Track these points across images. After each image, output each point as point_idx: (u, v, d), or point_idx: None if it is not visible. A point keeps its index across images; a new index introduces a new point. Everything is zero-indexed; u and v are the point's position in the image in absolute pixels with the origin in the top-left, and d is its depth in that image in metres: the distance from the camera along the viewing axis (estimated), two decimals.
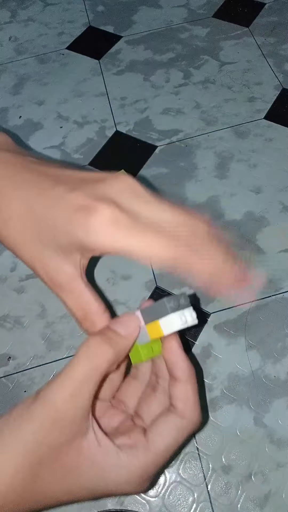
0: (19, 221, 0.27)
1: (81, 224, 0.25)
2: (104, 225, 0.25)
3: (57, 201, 0.26)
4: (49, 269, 0.28)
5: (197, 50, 0.60)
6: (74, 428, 0.24)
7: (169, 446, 0.26)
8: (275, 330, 0.38)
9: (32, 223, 0.27)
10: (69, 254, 0.27)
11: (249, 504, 0.32)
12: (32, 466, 0.24)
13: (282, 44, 0.59)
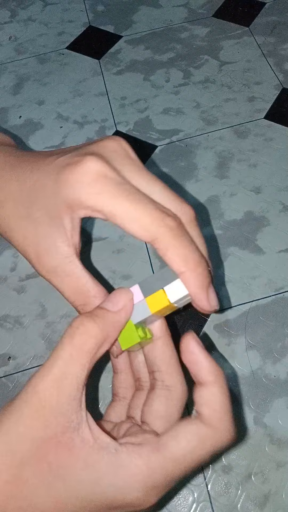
0: (11, 202, 0.26)
1: (66, 179, 0.23)
2: (89, 177, 0.23)
3: (46, 168, 0.25)
4: (41, 252, 0.25)
5: (197, 49, 0.60)
6: (62, 420, 0.20)
7: (186, 455, 0.21)
8: (275, 330, 0.38)
9: (23, 199, 0.25)
10: (60, 225, 0.24)
11: (249, 504, 0.32)
12: (14, 467, 0.20)
13: (282, 44, 0.59)
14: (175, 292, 0.23)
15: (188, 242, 0.23)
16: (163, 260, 0.23)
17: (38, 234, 0.25)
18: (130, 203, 0.22)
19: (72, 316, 0.40)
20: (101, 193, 0.22)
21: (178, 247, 0.22)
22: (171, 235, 0.22)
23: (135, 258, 0.43)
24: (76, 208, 0.24)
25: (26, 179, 0.25)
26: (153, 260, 0.43)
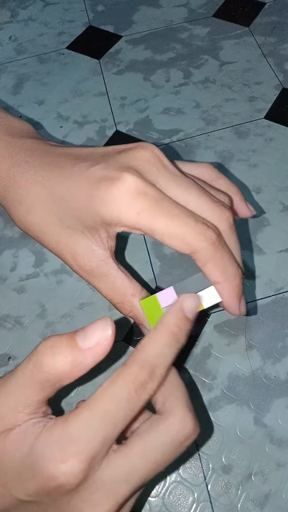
0: (41, 207, 0.26)
1: (102, 197, 0.23)
2: (127, 196, 0.23)
3: (78, 178, 0.24)
4: (78, 255, 0.26)
5: (197, 49, 0.60)
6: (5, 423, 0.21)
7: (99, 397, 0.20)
8: (275, 330, 0.38)
9: (54, 207, 0.25)
10: (95, 234, 0.25)
11: (249, 504, 0.32)
12: None
13: (282, 43, 0.59)
14: (209, 299, 0.24)
15: (227, 254, 0.24)
16: (201, 270, 0.24)
17: (72, 240, 0.26)
18: (170, 219, 0.23)
19: (73, 316, 0.40)
20: (140, 213, 0.23)
21: (217, 259, 0.23)
22: (211, 249, 0.23)
23: (135, 258, 0.43)
24: (114, 225, 0.24)
25: (55, 185, 0.25)
26: (153, 260, 0.43)
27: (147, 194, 0.23)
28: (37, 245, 0.44)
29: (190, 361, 0.38)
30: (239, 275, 0.24)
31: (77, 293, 0.41)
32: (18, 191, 0.26)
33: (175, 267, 0.42)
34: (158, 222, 0.23)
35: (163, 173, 0.24)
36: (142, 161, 0.24)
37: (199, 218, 0.23)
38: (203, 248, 0.23)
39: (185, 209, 0.23)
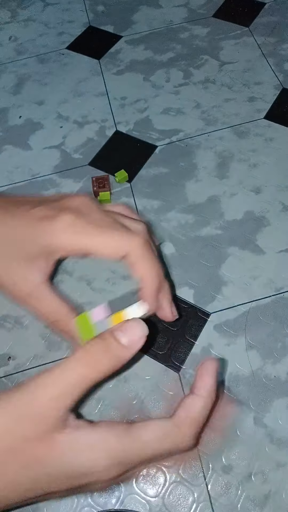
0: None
1: (46, 230, 0.29)
2: (65, 228, 0.29)
3: (22, 217, 0.30)
4: (17, 279, 0.30)
5: (197, 50, 0.60)
6: (51, 425, 0.23)
7: (149, 442, 0.24)
8: (275, 330, 0.38)
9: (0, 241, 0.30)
10: (35, 262, 0.30)
11: (249, 504, 0.32)
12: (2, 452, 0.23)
13: (282, 44, 0.59)
14: (135, 312, 0.28)
15: (152, 255, 0.30)
16: (131, 270, 0.29)
17: (12, 267, 0.30)
18: (99, 234, 0.29)
19: None
20: (75, 234, 0.29)
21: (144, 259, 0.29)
22: (139, 251, 0.29)
23: None
24: (55, 252, 0.30)
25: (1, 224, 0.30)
26: None
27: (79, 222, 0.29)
28: None
29: (190, 361, 0.38)
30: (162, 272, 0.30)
31: (77, 293, 0.41)
32: None
33: (175, 267, 0.42)
34: (90, 239, 0.29)
35: (93, 210, 0.30)
36: (76, 204, 0.30)
37: (123, 228, 0.30)
38: (132, 250, 0.29)
39: (111, 224, 0.29)
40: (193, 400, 0.26)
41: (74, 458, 0.23)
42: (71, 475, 0.23)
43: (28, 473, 0.23)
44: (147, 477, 0.33)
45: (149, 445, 0.24)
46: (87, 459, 0.23)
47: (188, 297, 0.41)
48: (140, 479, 0.33)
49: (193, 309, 0.40)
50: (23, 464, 0.23)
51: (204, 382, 0.26)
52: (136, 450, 0.24)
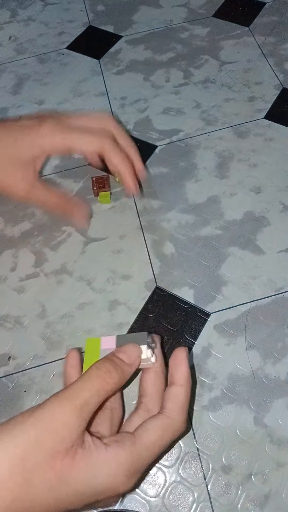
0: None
1: (34, 135, 0.38)
2: (50, 131, 0.38)
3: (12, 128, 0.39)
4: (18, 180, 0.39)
5: (197, 49, 0.60)
6: (74, 437, 0.25)
7: (155, 442, 0.27)
8: (275, 330, 0.38)
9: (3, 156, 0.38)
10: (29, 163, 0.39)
11: (249, 504, 0.32)
12: (27, 471, 0.24)
13: (282, 43, 0.59)
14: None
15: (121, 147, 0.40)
16: (107, 162, 0.40)
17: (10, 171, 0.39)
18: (78, 134, 0.39)
19: (73, 316, 0.40)
20: (59, 134, 0.38)
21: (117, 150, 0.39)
22: (112, 143, 0.39)
23: (135, 258, 0.43)
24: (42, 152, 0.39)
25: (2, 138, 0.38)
26: (153, 260, 0.43)
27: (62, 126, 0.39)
28: (37, 245, 0.44)
29: (190, 361, 0.38)
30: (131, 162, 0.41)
31: (77, 293, 0.41)
32: None
33: (175, 267, 0.42)
34: (74, 138, 0.38)
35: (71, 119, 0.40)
36: (57, 115, 0.40)
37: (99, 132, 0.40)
38: (107, 144, 0.39)
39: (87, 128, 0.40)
40: (176, 390, 0.29)
41: (96, 474, 0.25)
42: (93, 492, 0.25)
43: (55, 493, 0.24)
44: (147, 477, 0.33)
45: (154, 446, 0.27)
46: (107, 475, 0.25)
47: (188, 297, 0.41)
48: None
49: (193, 309, 0.40)
50: (51, 483, 0.24)
51: (181, 371, 0.29)
52: (146, 456, 0.26)
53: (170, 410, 0.28)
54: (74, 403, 0.25)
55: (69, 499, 0.25)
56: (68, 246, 0.44)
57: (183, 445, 0.34)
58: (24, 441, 0.24)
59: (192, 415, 0.35)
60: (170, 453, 0.34)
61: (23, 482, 0.23)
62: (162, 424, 0.27)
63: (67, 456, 0.24)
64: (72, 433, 0.25)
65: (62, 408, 0.25)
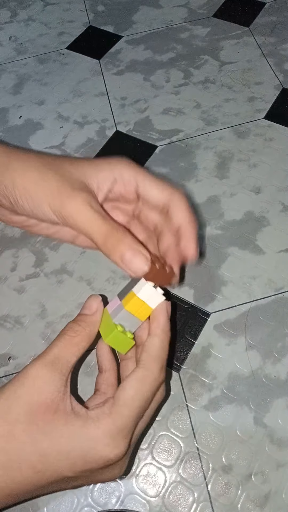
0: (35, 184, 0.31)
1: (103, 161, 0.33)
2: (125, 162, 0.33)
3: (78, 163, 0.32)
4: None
5: (197, 50, 0.60)
6: (53, 389, 0.26)
7: (134, 396, 0.27)
8: (275, 330, 0.38)
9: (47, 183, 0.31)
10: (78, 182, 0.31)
11: (249, 504, 0.32)
12: (9, 423, 0.25)
13: (282, 43, 0.59)
14: (140, 289, 0.29)
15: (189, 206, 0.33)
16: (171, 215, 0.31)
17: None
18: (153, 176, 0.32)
19: (73, 316, 0.40)
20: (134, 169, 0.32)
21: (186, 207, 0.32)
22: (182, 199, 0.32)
23: None
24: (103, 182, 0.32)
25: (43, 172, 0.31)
26: None
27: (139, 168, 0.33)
28: (37, 245, 0.44)
29: (190, 361, 0.38)
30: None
31: (77, 293, 0.41)
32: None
33: None
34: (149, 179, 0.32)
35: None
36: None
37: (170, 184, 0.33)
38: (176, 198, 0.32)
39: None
40: (150, 340, 0.29)
41: (77, 436, 0.25)
42: (80, 455, 0.25)
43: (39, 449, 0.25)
44: (147, 477, 0.33)
45: (134, 400, 0.27)
46: (89, 439, 0.25)
47: (188, 297, 0.41)
48: (140, 479, 0.33)
49: (193, 309, 0.40)
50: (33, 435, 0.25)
51: (158, 321, 0.29)
52: (126, 413, 0.26)
53: (144, 361, 0.28)
54: (44, 359, 0.27)
55: (57, 462, 0.25)
56: (68, 246, 0.44)
57: (183, 445, 0.34)
58: (3, 398, 0.26)
59: (192, 414, 0.35)
60: (170, 453, 0.34)
61: (6, 433, 0.25)
62: (137, 377, 0.27)
63: (48, 411, 0.25)
64: (48, 386, 0.26)
65: (33, 365, 0.27)
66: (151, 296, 0.29)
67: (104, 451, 0.25)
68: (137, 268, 0.28)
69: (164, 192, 0.32)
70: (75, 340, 0.28)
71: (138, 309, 0.29)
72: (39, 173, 0.31)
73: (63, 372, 0.27)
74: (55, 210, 0.30)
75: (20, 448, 0.25)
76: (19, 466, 0.25)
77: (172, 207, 0.31)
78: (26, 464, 0.25)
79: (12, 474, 0.25)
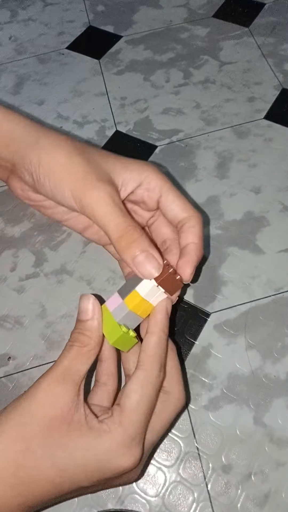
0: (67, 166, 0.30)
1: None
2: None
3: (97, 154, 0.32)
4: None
5: (197, 50, 0.60)
6: (66, 401, 0.26)
7: (139, 401, 0.26)
8: (275, 330, 0.39)
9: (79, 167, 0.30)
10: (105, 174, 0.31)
11: (249, 504, 0.32)
12: (26, 439, 0.25)
13: (282, 44, 0.59)
14: (144, 289, 0.28)
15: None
16: (182, 233, 0.31)
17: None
18: (177, 196, 0.32)
19: (73, 316, 0.40)
20: (163, 177, 0.32)
21: (200, 232, 0.32)
22: (199, 223, 0.32)
23: None
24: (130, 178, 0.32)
25: (73, 156, 0.31)
26: None
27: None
28: (37, 245, 0.44)
29: (190, 361, 0.38)
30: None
31: (77, 293, 0.41)
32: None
33: None
34: (174, 191, 0.32)
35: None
36: None
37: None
38: (196, 218, 0.32)
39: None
40: (147, 339, 0.28)
41: (92, 447, 0.25)
42: (97, 466, 0.25)
43: (56, 462, 0.25)
44: (147, 477, 0.33)
45: (139, 405, 0.26)
46: (104, 451, 0.25)
47: (188, 297, 0.41)
48: (140, 479, 0.33)
49: (193, 309, 0.40)
50: (50, 449, 0.25)
51: (156, 319, 0.29)
52: (136, 419, 0.26)
53: (142, 361, 0.27)
54: (55, 372, 0.26)
55: (75, 475, 0.25)
56: (68, 246, 0.44)
57: (183, 445, 0.34)
58: (17, 414, 0.25)
59: (192, 414, 0.35)
60: (170, 453, 0.34)
61: (24, 450, 0.24)
62: (138, 381, 0.27)
63: (63, 423, 0.25)
64: (61, 399, 0.25)
65: (44, 379, 0.26)
66: (154, 294, 0.29)
67: (120, 461, 0.25)
68: (147, 272, 0.27)
69: (185, 211, 0.31)
70: (83, 350, 0.28)
71: (141, 308, 0.29)
72: (67, 156, 0.30)
73: (75, 382, 0.26)
74: (76, 196, 0.29)
75: (38, 463, 0.25)
76: (38, 480, 0.25)
77: (186, 227, 0.31)
78: (45, 478, 0.25)
79: (32, 488, 0.25)
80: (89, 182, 0.29)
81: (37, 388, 0.26)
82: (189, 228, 0.31)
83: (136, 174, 0.31)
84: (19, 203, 0.47)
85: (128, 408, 0.26)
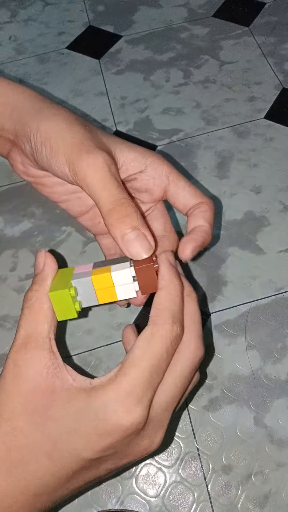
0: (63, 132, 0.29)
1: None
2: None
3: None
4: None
5: (197, 49, 0.60)
6: (38, 369, 0.24)
7: (142, 356, 0.24)
8: (275, 330, 0.38)
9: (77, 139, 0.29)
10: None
11: (249, 504, 0.32)
12: (9, 419, 0.23)
13: (282, 43, 0.59)
14: (119, 272, 0.25)
15: None
16: (193, 215, 0.30)
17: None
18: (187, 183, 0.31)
19: None
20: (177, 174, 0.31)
21: (211, 218, 0.30)
22: (211, 209, 0.30)
23: None
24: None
25: (73, 125, 0.30)
26: None
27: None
28: (37, 245, 0.44)
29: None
30: None
31: None
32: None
33: None
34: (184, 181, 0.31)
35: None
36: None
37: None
38: (209, 204, 0.30)
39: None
40: (157, 295, 0.26)
41: (86, 408, 0.23)
42: (98, 431, 0.23)
43: (48, 434, 0.23)
44: (147, 477, 0.33)
45: (141, 360, 0.24)
46: (96, 409, 0.23)
47: None
48: (140, 479, 0.33)
49: None
50: (37, 423, 0.23)
51: (161, 274, 0.26)
52: (135, 374, 0.23)
53: (152, 317, 0.25)
54: (16, 343, 0.25)
55: (70, 443, 0.23)
56: (68, 246, 0.44)
57: (183, 445, 0.34)
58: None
59: (192, 415, 0.35)
60: (170, 453, 0.34)
61: (10, 431, 0.23)
62: (144, 336, 0.24)
63: (45, 393, 0.23)
64: (32, 369, 0.24)
65: (9, 355, 0.25)
66: (125, 285, 0.26)
67: (114, 418, 0.22)
68: (136, 252, 0.25)
69: (196, 197, 0.30)
70: (34, 308, 0.25)
71: (103, 288, 0.26)
72: (67, 123, 0.28)
73: (41, 346, 0.24)
74: (70, 162, 0.27)
75: (28, 441, 0.23)
76: (34, 459, 0.23)
77: (197, 211, 0.29)
78: (41, 455, 0.23)
79: (30, 470, 0.23)
80: (85, 147, 0.27)
81: (5, 366, 0.24)
82: (200, 213, 0.29)
83: (140, 156, 0.29)
84: (19, 203, 0.47)
85: (127, 362, 0.24)
